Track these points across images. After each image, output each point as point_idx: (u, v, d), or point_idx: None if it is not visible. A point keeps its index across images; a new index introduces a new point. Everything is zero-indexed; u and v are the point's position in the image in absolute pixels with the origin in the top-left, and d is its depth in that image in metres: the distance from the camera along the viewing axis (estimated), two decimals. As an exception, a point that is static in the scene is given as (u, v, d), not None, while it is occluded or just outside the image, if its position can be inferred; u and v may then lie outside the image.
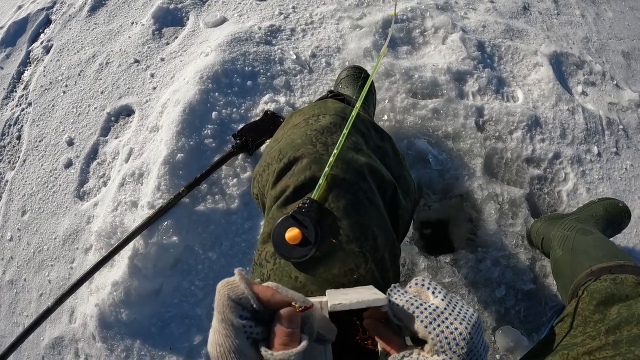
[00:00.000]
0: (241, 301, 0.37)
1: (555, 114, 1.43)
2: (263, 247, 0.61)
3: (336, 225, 0.57)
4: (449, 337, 0.42)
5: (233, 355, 0.36)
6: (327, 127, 0.65)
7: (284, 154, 0.62)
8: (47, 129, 1.61)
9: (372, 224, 0.59)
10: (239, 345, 0.36)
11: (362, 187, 0.60)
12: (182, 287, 1.14)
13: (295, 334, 0.37)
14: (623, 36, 1.85)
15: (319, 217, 0.56)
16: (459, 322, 0.43)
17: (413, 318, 0.44)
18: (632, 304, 0.71)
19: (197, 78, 1.32)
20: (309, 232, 0.55)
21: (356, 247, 0.57)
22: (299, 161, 0.60)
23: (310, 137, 0.63)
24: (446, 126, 1.29)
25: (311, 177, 0.58)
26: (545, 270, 1.24)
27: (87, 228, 1.34)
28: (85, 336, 1.20)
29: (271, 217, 0.60)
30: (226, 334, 0.36)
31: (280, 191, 0.60)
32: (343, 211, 0.57)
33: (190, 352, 1.11)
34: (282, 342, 0.37)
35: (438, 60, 1.40)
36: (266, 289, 0.39)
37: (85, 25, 1.80)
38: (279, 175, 0.62)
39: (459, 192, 1.26)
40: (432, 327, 0.43)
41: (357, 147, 0.64)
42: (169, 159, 1.20)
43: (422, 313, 0.44)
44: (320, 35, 1.45)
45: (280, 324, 0.37)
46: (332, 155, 0.59)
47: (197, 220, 1.16)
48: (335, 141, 0.62)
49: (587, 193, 1.34)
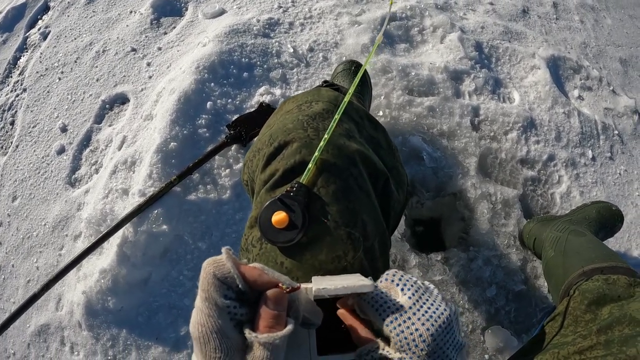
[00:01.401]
0: (226, 280, 0.36)
1: (551, 116, 1.43)
2: (250, 232, 0.60)
3: (324, 210, 0.56)
4: (409, 337, 0.41)
5: (215, 336, 0.35)
6: (319, 113, 0.64)
7: (274, 138, 0.61)
8: (41, 115, 1.60)
9: (362, 211, 0.58)
10: (221, 326, 0.35)
11: (352, 173, 0.59)
12: (171, 277, 1.13)
13: (280, 317, 0.37)
14: (621, 43, 1.86)
15: (307, 201, 0.55)
16: (421, 323, 0.42)
17: (376, 315, 0.44)
18: (624, 304, 0.71)
19: (193, 67, 1.31)
20: (296, 215, 0.54)
21: (344, 232, 0.56)
22: (289, 145, 0.59)
23: (302, 121, 0.62)
24: (441, 124, 1.29)
25: (301, 161, 0.58)
26: (536, 271, 1.24)
27: (77, 215, 1.33)
28: (72, 324, 1.19)
29: (259, 201, 0.59)
30: (209, 314, 0.35)
31: (269, 175, 0.60)
32: (332, 196, 0.57)
33: (177, 343, 1.10)
34: (267, 324, 0.36)
35: (435, 59, 1.40)
36: (253, 269, 0.38)
37: (83, 12, 1.79)
38: (269, 159, 0.61)
39: (452, 190, 1.26)
40: (392, 326, 0.42)
41: (349, 134, 0.63)
42: (162, 147, 1.19)
43: (385, 311, 0.44)
44: (318, 29, 1.45)
45: (266, 305, 0.36)
46: (322, 139, 0.58)
47: (188, 209, 1.15)
48: (327, 126, 0.61)
49: (580, 196, 1.35)
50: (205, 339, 0.35)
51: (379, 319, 0.43)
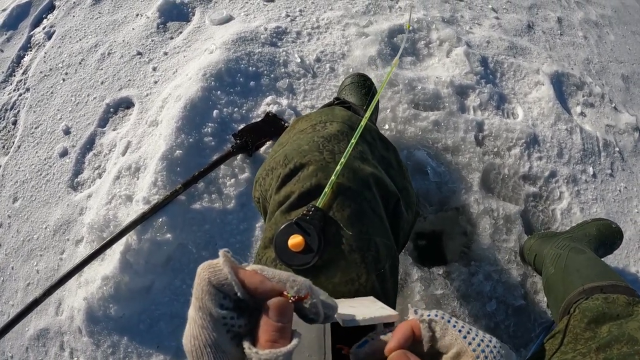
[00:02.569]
0: (223, 288, 0.32)
1: (554, 132, 1.44)
2: (264, 252, 0.60)
3: (339, 234, 0.57)
4: (490, 345, 0.39)
5: (209, 350, 0.31)
6: (334, 135, 0.65)
7: (290, 159, 0.62)
8: (44, 116, 1.59)
9: (375, 235, 0.59)
10: (216, 339, 0.31)
11: (366, 196, 0.60)
12: (173, 285, 1.13)
13: (285, 329, 0.32)
14: (623, 59, 1.88)
15: (323, 225, 0.56)
16: (489, 338, 0.40)
17: (448, 328, 0.40)
18: (623, 322, 0.73)
19: (199, 75, 1.31)
20: (311, 239, 0.54)
21: (358, 256, 0.57)
22: (304, 167, 0.60)
23: (317, 143, 0.63)
24: (446, 139, 1.30)
25: (317, 184, 0.58)
26: (536, 286, 1.25)
27: (79, 219, 1.33)
28: (71, 329, 1.18)
29: (274, 222, 0.60)
30: (202, 325, 0.31)
31: (284, 196, 0.60)
32: (347, 220, 0.57)
33: (178, 351, 1.10)
34: (269, 337, 0.32)
35: (441, 73, 1.41)
36: (254, 274, 0.33)
37: (89, 13, 1.78)
38: (284, 180, 0.61)
39: (454, 205, 1.27)
40: (470, 337, 0.39)
41: (363, 156, 0.64)
42: (167, 155, 1.19)
43: (458, 323, 0.41)
44: (325, 40, 1.45)
45: (268, 316, 0.32)
46: (338, 163, 0.59)
47: (192, 218, 1.15)
48: (342, 149, 0.62)
49: (581, 212, 1.36)
50: (198, 352, 0.31)
51: (452, 331, 0.40)
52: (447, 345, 0.39)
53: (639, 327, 0.72)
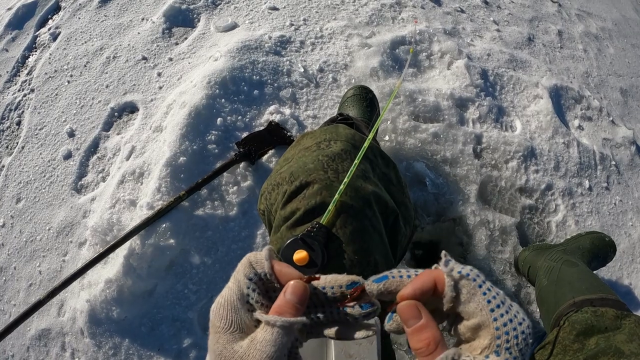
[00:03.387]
0: (256, 265, 0.38)
1: (551, 146, 1.47)
2: None
3: (341, 249, 0.60)
4: (517, 328, 0.32)
5: (225, 306, 0.36)
6: (338, 154, 0.68)
7: (296, 176, 0.65)
8: (49, 118, 1.61)
9: (374, 251, 0.63)
10: (234, 300, 0.36)
11: (367, 214, 0.63)
12: (175, 290, 1.15)
13: (294, 307, 0.35)
14: (622, 73, 1.90)
15: (326, 241, 0.59)
16: (521, 317, 0.33)
17: (476, 293, 0.34)
18: (610, 335, 0.76)
19: (204, 82, 1.33)
20: (315, 254, 0.58)
21: (358, 271, 0.60)
22: (310, 185, 0.63)
23: (322, 162, 0.66)
24: (445, 151, 1.32)
25: (321, 202, 0.62)
26: (530, 297, 1.28)
27: (83, 222, 1.35)
28: (73, 330, 1.21)
29: (279, 237, 0.63)
30: (230, 287, 0.37)
31: (290, 212, 0.63)
32: (349, 237, 0.61)
33: (179, 354, 1.12)
34: (278, 309, 0.35)
35: (442, 85, 1.44)
36: (285, 265, 0.38)
37: (94, 15, 1.80)
38: (290, 196, 0.64)
39: (451, 216, 1.29)
40: (499, 312, 0.33)
41: (364, 174, 0.67)
42: (171, 161, 1.21)
43: (490, 290, 0.34)
44: (328, 50, 1.48)
45: (284, 293, 0.36)
46: (342, 182, 0.62)
47: (195, 224, 1.17)
48: (345, 168, 0.65)
49: (576, 225, 1.39)
50: (217, 306, 0.36)
51: (481, 299, 0.34)
52: (470, 312, 0.34)
53: (626, 339, 0.75)
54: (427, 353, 0.32)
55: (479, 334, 0.33)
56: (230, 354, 0.34)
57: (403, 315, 0.34)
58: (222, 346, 0.35)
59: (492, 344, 0.32)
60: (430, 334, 0.33)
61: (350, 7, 1.61)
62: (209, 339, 0.36)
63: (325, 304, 0.38)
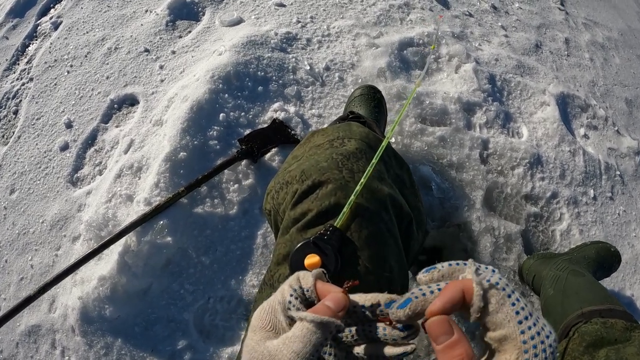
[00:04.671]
0: (301, 281, 0.41)
1: (557, 153, 1.45)
2: (277, 268, 0.60)
3: (356, 255, 0.57)
4: (545, 342, 0.31)
5: (267, 308, 0.39)
6: (353, 153, 0.64)
7: (307, 175, 0.61)
8: (46, 108, 1.57)
9: (390, 257, 0.59)
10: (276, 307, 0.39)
11: (383, 218, 0.60)
12: (171, 289, 1.12)
13: (329, 309, 0.36)
14: (628, 83, 1.89)
15: (340, 245, 0.56)
16: (547, 331, 0.32)
17: (505, 303, 0.33)
18: (620, 347, 0.74)
19: (207, 76, 1.30)
20: (328, 259, 0.54)
21: (373, 278, 0.57)
22: (323, 185, 0.60)
23: (336, 161, 0.62)
24: (451, 155, 1.30)
25: (335, 204, 0.58)
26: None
27: (77, 216, 1.31)
28: (64, 327, 1.17)
29: (289, 239, 0.59)
30: (276, 294, 0.40)
31: (300, 213, 0.60)
32: (364, 241, 0.57)
33: (172, 356, 1.09)
34: (314, 311, 0.36)
35: (449, 88, 1.41)
36: (329, 286, 0.40)
37: (97, 5, 1.76)
38: (301, 196, 0.61)
39: (456, 222, 1.27)
40: (527, 325, 0.32)
41: (380, 176, 0.64)
42: (171, 156, 1.18)
43: (519, 301, 0.33)
44: (335, 48, 1.45)
45: (323, 300, 0.38)
46: (358, 183, 0.58)
47: (194, 222, 1.14)
48: (361, 167, 0.62)
49: (580, 234, 1.37)
50: (259, 310, 0.39)
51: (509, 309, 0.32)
52: (497, 323, 0.32)
53: (636, 352, 0.73)
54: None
55: (505, 347, 0.32)
56: (262, 349, 0.35)
57: (433, 332, 0.33)
58: (255, 342, 0.36)
59: (519, 359, 0.31)
60: (463, 350, 0.31)
61: (358, 6, 1.59)
62: (246, 338, 0.38)
63: (365, 321, 0.39)
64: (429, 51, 1.48)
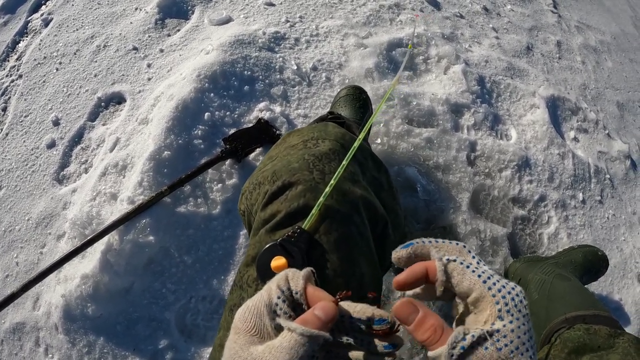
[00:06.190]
0: (289, 282, 0.39)
1: (546, 156, 1.44)
2: (245, 269, 0.59)
3: (324, 258, 0.56)
4: (512, 292, 0.35)
5: (251, 310, 0.37)
6: (326, 154, 0.63)
7: (278, 176, 0.60)
8: (35, 105, 1.57)
9: (361, 261, 0.58)
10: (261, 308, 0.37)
11: (354, 220, 0.59)
12: (153, 288, 1.11)
13: (318, 320, 0.36)
14: (619, 87, 1.89)
15: (308, 248, 0.55)
16: (512, 285, 0.36)
17: (466, 272, 0.37)
18: (603, 354, 0.74)
19: (194, 75, 1.30)
20: (295, 262, 0.53)
21: (342, 282, 0.55)
22: (293, 186, 0.59)
23: (308, 162, 0.61)
24: (437, 157, 1.29)
25: (304, 205, 0.57)
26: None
27: (62, 214, 1.31)
28: (48, 325, 1.17)
29: (257, 241, 0.58)
30: (261, 294, 0.38)
31: (270, 214, 0.59)
32: (333, 244, 0.56)
33: (154, 355, 1.09)
34: (302, 319, 0.36)
35: (437, 90, 1.41)
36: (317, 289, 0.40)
37: (88, 3, 1.76)
38: (270, 197, 0.60)
39: (442, 224, 1.26)
40: (491, 282, 0.36)
41: (353, 177, 0.63)
42: (155, 155, 1.18)
43: (478, 267, 0.38)
44: (323, 48, 1.44)
45: (312, 309, 0.37)
46: (328, 185, 0.57)
47: (177, 221, 1.14)
48: (333, 169, 0.61)
49: (568, 238, 1.36)
50: (243, 309, 0.37)
51: (471, 276, 0.37)
52: (466, 290, 0.36)
53: (619, 359, 0.72)
54: (436, 339, 0.34)
55: (480, 306, 0.36)
56: (246, 355, 0.34)
57: (401, 314, 0.36)
58: (239, 346, 0.35)
59: (493, 311, 0.35)
60: (432, 321, 0.35)
61: (348, 6, 1.58)
62: (228, 339, 0.37)
63: (356, 331, 0.39)
64: (418, 52, 1.47)
